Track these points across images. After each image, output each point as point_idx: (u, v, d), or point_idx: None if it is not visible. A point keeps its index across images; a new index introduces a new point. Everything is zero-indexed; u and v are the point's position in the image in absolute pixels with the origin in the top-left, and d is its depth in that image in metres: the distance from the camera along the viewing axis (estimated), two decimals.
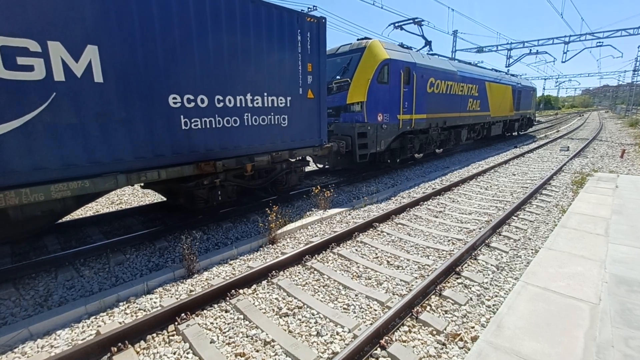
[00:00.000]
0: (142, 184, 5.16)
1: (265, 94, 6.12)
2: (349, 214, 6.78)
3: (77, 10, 3.91)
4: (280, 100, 6.40)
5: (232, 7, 5.32)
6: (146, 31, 4.49)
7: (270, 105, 6.23)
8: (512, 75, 21.62)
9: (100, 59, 4.16)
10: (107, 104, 4.30)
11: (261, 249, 5.19)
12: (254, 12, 5.65)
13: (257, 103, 6.00)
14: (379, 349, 2.95)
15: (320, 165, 10.86)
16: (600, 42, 24.45)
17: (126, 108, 4.49)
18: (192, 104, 5.13)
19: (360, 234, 5.58)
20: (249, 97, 5.85)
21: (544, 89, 78.48)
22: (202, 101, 5.24)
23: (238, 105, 5.72)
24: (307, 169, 8.87)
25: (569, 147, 16.28)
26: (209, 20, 5.08)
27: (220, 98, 5.46)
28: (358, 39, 10.19)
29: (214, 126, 5.44)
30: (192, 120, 5.16)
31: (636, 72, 44.42)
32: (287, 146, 6.74)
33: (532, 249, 5.02)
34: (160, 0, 4.55)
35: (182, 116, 5.04)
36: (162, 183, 5.34)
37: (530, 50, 27.47)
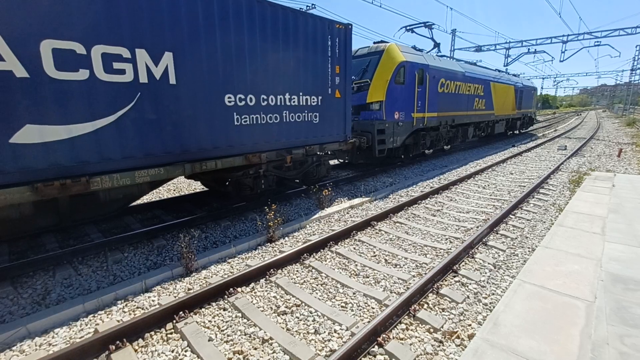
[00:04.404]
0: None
1: (301, 93, 6.80)
2: (347, 213, 6.80)
3: (159, 22, 4.59)
4: (313, 99, 7.09)
5: (276, 20, 6.05)
6: (209, 41, 5.17)
7: (304, 103, 6.93)
8: (514, 75, 21.93)
9: (174, 64, 4.83)
10: (178, 102, 4.97)
11: (259, 247, 5.19)
12: (293, 22, 6.37)
13: (294, 102, 6.68)
14: (376, 346, 2.97)
15: (341, 160, 11.39)
16: (598, 42, 24.50)
17: (192, 106, 5.15)
18: (243, 103, 5.81)
19: (359, 233, 5.59)
20: (287, 96, 6.54)
21: (542, 88, 78.46)
22: (251, 100, 5.91)
23: (279, 103, 6.40)
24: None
25: (566, 146, 16.34)
26: (258, 33, 5.81)
27: (265, 97, 6.13)
28: (374, 42, 10.83)
29: (259, 122, 6.12)
30: (243, 117, 5.84)
31: (634, 72, 44.55)
32: (317, 141, 7.42)
33: (529, 248, 5.05)
34: (221, 18, 5.25)
35: (234, 113, 5.71)
36: (210, 173, 5.86)
37: (529, 49, 27.50)
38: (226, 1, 5.26)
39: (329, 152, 8.26)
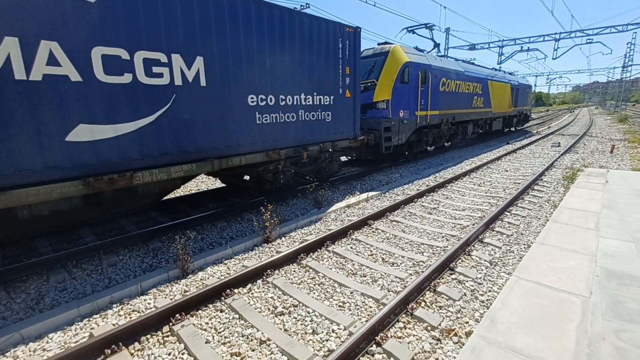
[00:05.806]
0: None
1: (315, 93, 7.21)
2: (344, 212, 6.79)
3: (191, 30, 4.97)
4: (326, 99, 7.49)
5: (292, 25, 6.44)
6: (234, 47, 5.56)
7: (318, 103, 7.33)
8: (510, 73, 22.39)
9: (205, 68, 5.20)
10: (208, 103, 5.34)
11: (256, 248, 5.17)
12: (308, 26, 6.77)
13: (308, 101, 7.08)
14: (374, 345, 2.97)
15: (349, 157, 11.81)
16: (590, 39, 24.76)
17: (220, 106, 5.53)
18: (264, 103, 6.20)
19: (355, 232, 5.59)
20: (302, 96, 6.94)
21: (535, 85, 79.06)
22: (271, 100, 6.31)
23: (295, 103, 6.80)
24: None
25: (560, 143, 16.48)
26: (277, 38, 6.20)
27: (283, 97, 6.54)
28: (379, 44, 11.30)
29: (278, 121, 6.51)
30: (264, 116, 6.23)
31: (625, 69, 45.04)
32: (330, 138, 7.85)
33: (524, 244, 5.08)
34: (245, 25, 5.64)
35: (256, 112, 6.10)
36: (231, 169, 6.11)
37: (522, 47, 27.70)
38: (250, 9, 5.64)
39: (340, 149, 8.57)
